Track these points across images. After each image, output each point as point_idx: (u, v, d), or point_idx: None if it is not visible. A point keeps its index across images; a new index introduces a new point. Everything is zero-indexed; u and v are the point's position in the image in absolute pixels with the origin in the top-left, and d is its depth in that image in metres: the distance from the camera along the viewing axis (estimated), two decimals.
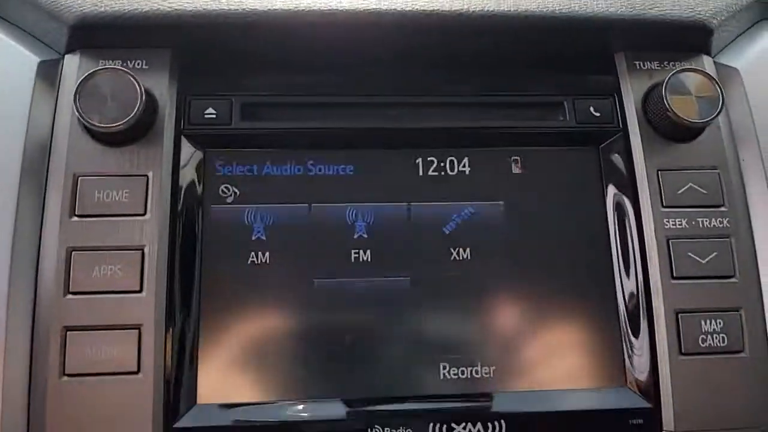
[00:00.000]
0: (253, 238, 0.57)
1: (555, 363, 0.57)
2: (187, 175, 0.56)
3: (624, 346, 0.56)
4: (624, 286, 0.57)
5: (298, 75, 0.60)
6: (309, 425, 0.53)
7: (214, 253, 0.56)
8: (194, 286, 0.54)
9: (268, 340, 0.54)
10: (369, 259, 0.57)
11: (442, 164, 0.60)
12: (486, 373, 0.56)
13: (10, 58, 0.57)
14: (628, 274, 0.57)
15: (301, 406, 0.53)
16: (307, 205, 0.58)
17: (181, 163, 0.56)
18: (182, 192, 0.56)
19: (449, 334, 0.56)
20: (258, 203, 0.57)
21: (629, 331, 0.56)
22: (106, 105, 0.53)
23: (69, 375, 0.51)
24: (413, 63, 0.61)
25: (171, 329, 0.53)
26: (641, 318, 0.56)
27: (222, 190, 0.57)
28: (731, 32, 0.65)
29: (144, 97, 0.53)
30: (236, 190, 0.57)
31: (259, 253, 0.56)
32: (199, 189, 0.57)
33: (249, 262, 0.56)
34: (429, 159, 0.60)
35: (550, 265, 0.58)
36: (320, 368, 0.55)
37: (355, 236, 0.57)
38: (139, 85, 0.53)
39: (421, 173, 0.59)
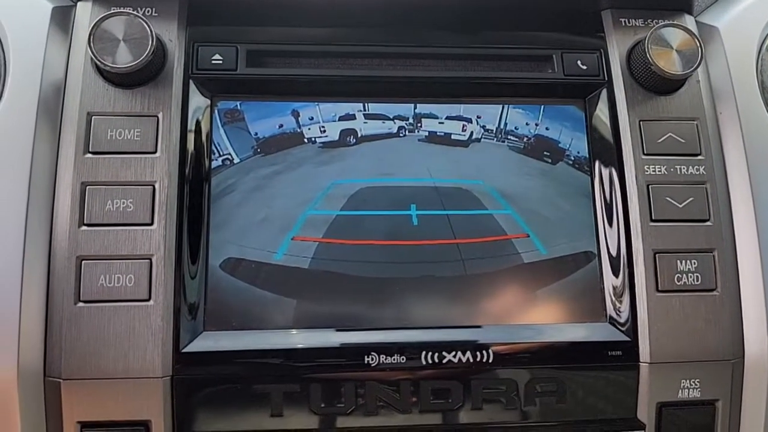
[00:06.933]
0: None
1: (541, 301, 0.60)
2: (195, 116, 0.59)
3: (605, 284, 0.60)
4: (606, 228, 0.61)
5: (301, 26, 0.63)
6: (310, 352, 0.56)
7: (220, 191, 0.59)
8: (203, 221, 0.57)
9: (272, 273, 0.58)
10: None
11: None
12: (476, 308, 0.59)
13: (25, 4, 0.60)
14: (610, 217, 0.61)
15: (302, 335, 0.57)
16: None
17: (189, 105, 0.59)
18: (190, 132, 0.59)
19: (442, 271, 0.59)
20: None
21: (611, 269, 0.60)
22: (118, 47, 0.56)
23: (84, 301, 0.54)
24: (412, 16, 0.64)
25: (180, 260, 0.56)
26: (621, 258, 0.60)
27: None
28: None
29: (154, 41, 0.56)
30: None
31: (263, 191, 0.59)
32: (207, 130, 0.60)
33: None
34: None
35: (538, 208, 0.61)
36: (321, 301, 0.58)
37: None
38: (150, 29, 0.56)
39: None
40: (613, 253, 0.60)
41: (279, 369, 0.56)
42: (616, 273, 0.60)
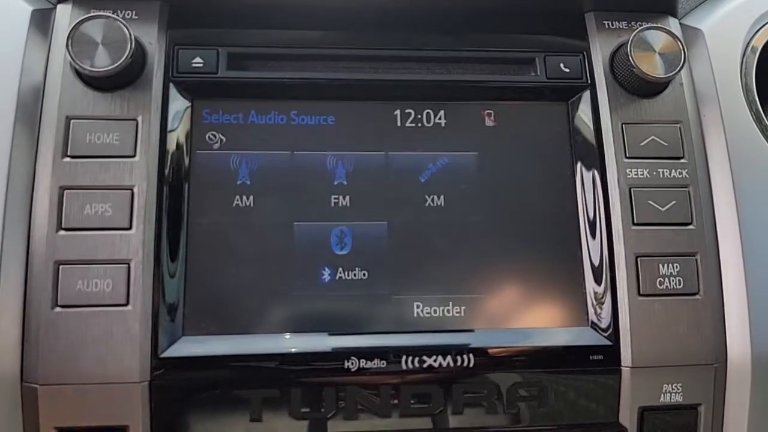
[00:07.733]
0: (238, 182, 0.59)
1: (522, 305, 0.60)
2: (175, 120, 0.59)
3: (587, 288, 0.60)
4: (588, 232, 0.60)
5: (282, 29, 0.63)
6: (289, 356, 0.56)
7: (200, 195, 0.58)
8: (182, 225, 0.57)
9: (251, 277, 0.57)
10: (348, 204, 0.60)
11: (419, 116, 0.62)
12: (457, 313, 0.59)
13: (4, 7, 0.59)
14: (592, 221, 0.61)
15: (282, 339, 0.56)
16: (289, 152, 0.61)
17: (169, 109, 0.59)
18: (170, 137, 0.58)
19: (423, 276, 0.59)
20: (243, 150, 0.60)
21: (592, 273, 0.60)
22: (96, 51, 0.55)
23: (61, 306, 0.54)
24: (394, 19, 0.64)
25: (159, 264, 0.56)
26: (603, 262, 0.59)
27: (209, 137, 0.60)
28: None
29: (133, 44, 0.55)
30: (222, 137, 0.60)
31: (244, 196, 0.59)
32: (187, 135, 0.59)
33: (234, 204, 0.59)
34: (407, 111, 0.62)
35: (519, 212, 0.61)
36: (300, 304, 0.58)
37: (335, 182, 0.60)
38: (129, 32, 0.55)
39: (399, 124, 0.62)
40: (595, 256, 0.60)
41: (258, 373, 0.55)
42: (597, 277, 0.59)
